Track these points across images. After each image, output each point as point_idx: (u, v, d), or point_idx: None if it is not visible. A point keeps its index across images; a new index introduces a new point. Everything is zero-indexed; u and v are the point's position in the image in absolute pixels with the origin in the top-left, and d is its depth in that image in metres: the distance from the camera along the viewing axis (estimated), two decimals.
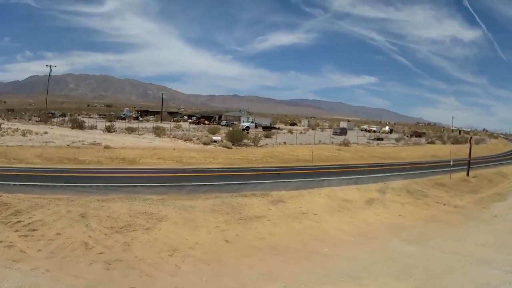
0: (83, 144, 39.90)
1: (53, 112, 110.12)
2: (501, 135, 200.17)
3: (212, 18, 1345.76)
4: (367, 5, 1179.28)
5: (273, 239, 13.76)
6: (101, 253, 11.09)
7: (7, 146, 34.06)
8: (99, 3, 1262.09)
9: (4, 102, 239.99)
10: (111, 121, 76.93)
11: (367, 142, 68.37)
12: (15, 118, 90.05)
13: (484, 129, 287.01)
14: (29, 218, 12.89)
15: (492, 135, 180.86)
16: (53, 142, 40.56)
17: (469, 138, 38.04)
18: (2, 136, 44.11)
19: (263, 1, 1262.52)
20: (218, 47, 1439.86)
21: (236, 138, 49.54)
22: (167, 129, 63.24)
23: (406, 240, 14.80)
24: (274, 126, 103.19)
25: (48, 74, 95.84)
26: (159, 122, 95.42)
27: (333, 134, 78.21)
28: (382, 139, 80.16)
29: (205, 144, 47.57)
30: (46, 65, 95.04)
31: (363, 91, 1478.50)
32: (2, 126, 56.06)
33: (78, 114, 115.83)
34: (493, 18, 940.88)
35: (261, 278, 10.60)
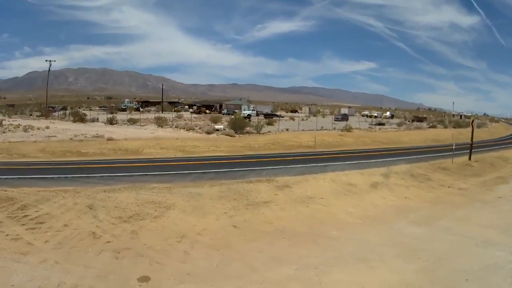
0: (85, 137, 39.95)
1: (53, 106, 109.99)
2: (502, 120, 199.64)
3: (210, 8, 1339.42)
4: None
5: (281, 224, 13.81)
6: (109, 242, 11.11)
7: (9, 142, 34.03)
8: None
9: (4, 98, 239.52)
10: (112, 113, 76.74)
11: (369, 127, 68.41)
12: (16, 114, 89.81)
13: (484, 113, 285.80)
14: (36, 212, 12.86)
15: (493, 119, 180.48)
16: (55, 136, 40.54)
17: (471, 121, 37.66)
18: (4, 133, 43.98)
19: None
20: (217, 36, 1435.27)
21: (239, 126, 49.59)
22: (169, 119, 63.20)
23: (412, 222, 14.85)
24: (276, 113, 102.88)
25: (48, 69, 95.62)
26: (160, 112, 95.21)
27: (335, 120, 78.31)
28: (383, 124, 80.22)
29: (208, 133, 47.67)
30: (46, 60, 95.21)
31: (363, 77, 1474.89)
32: (3, 122, 55.90)
33: (79, 107, 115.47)
34: (491, 4, 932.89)
35: (271, 261, 10.64)
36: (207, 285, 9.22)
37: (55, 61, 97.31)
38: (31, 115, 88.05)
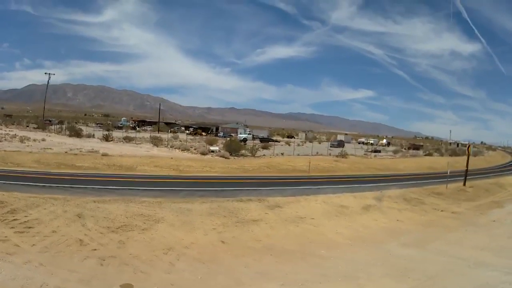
0: (80, 151, 39.75)
1: (50, 119, 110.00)
2: (499, 148, 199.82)
3: (210, 30, 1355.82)
4: (365, 18, 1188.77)
5: (270, 241, 13.70)
6: (95, 249, 11.02)
7: (5, 151, 33.97)
8: (97, 12, 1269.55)
9: (2, 108, 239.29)
10: (108, 130, 76.61)
11: (364, 154, 68.35)
12: (13, 124, 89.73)
13: (482, 142, 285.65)
14: (25, 216, 12.81)
15: (490, 148, 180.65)
16: (50, 149, 40.42)
17: (467, 147, 38.05)
18: (0, 141, 43.93)
19: (261, 13, 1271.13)
20: (217, 59, 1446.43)
21: (234, 149, 49.53)
22: (165, 139, 63.15)
23: (403, 244, 14.79)
24: (272, 138, 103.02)
25: (47, 83, 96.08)
26: (156, 132, 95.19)
27: (331, 147, 78.28)
28: (379, 151, 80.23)
29: (203, 154, 47.50)
30: (45, 73, 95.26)
31: (361, 105, 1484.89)
32: (0, 131, 55.83)
33: (76, 123, 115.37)
34: (493, 31, 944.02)
35: (257, 276, 10.53)
36: None
37: (54, 74, 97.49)
38: (27, 126, 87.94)
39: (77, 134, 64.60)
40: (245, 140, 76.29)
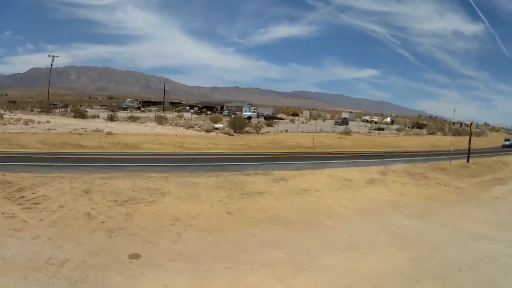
0: (85, 131, 39.98)
1: (55, 103, 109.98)
2: (502, 129, 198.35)
3: (214, 10, 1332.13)
4: None
5: (275, 212, 13.86)
6: (103, 222, 11.17)
7: (9, 133, 34.15)
8: None
9: (6, 95, 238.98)
10: (113, 111, 76.59)
11: (368, 132, 68.29)
12: (17, 109, 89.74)
13: (485, 122, 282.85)
14: (32, 193, 12.90)
15: (493, 129, 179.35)
16: (55, 129, 40.63)
17: (469, 125, 37.98)
18: (4, 125, 44.09)
19: None
20: (220, 39, 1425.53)
21: (238, 126, 49.68)
22: (169, 118, 63.23)
23: (407, 216, 14.92)
24: (276, 116, 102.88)
25: (50, 66, 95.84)
26: (161, 112, 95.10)
27: (335, 124, 78.11)
28: (383, 129, 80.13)
29: (207, 131, 47.73)
30: (48, 55, 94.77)
31: (365, 83, 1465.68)
32: (4, 116, 55.99)
33: (80, 105, 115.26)
34: (496, 13, 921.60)
35: (262, 245, 10.70)
36: (197, 263, 9.28)
37: (57, 56, 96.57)
38: (32, 110, 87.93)
39: (82, 115, 64.78)
40: (249, 117, 76.23)
